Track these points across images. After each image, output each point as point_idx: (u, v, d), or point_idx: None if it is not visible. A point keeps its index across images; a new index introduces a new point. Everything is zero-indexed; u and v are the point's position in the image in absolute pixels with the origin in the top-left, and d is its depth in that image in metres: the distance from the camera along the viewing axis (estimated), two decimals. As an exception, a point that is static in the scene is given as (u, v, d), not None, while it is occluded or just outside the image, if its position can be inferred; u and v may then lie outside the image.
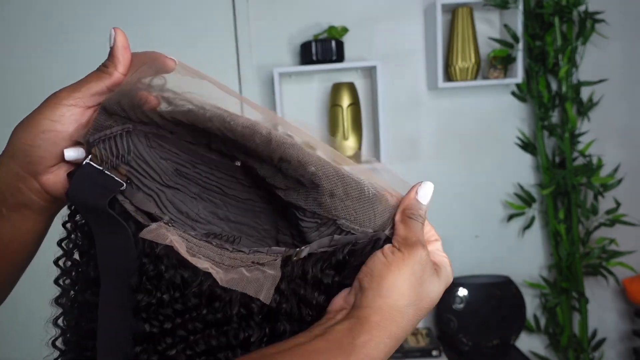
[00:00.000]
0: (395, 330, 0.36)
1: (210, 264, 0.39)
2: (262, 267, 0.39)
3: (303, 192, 0.39)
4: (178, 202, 0.41)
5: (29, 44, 1.76)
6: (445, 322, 1.84)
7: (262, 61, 1.84)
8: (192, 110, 0.39)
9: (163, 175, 0.41)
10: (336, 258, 0.39)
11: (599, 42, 1.86)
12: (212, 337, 0.38)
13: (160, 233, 0.38)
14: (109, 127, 0.39)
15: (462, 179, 1.93)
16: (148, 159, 0.40)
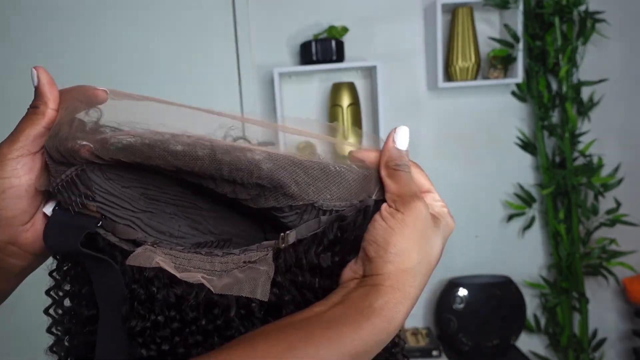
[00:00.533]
0: (409, 290, 0.37)
1: (202, 274, 0.38)
2: (255, 265, 0.39)
3: (269, 194, 0.38)
4: (156, 224, 0.41)
5: (30, 49, 1.76)
6: (445, 322, 1.84)
7: (262, 61, 1.84)
8: (130, 144, 0.37)
9: (133, 202, 0.40)
10: (328, 238, 0.39)
11: (599, 42, 1.86)
12: (215, 345, 0.38)
13: (145, 256, 0.37)
14: (62, 171, 0.38)
15: (462, 179, 1.93)
16: (111, 190, 0.39)
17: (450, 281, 1.87)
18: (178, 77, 1.80)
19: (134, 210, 0.40)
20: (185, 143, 0.37)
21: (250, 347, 0.33)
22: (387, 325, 0.35)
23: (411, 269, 0.37)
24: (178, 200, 0.42)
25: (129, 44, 1.78)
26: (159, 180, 0.41)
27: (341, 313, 0.35)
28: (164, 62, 1.80)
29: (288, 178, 0.37)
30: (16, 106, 1.87)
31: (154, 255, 0.38)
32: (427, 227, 0.39)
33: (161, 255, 0.38)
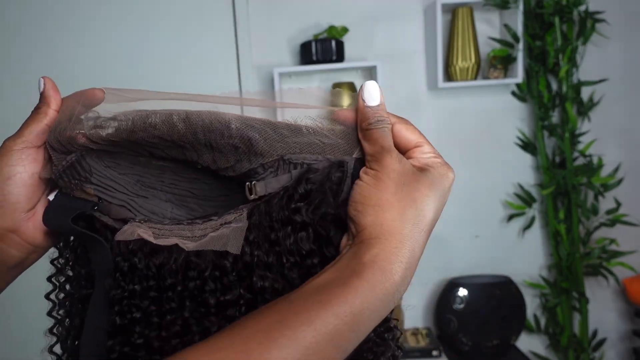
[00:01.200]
0: (400, 238, 0.35)
1: (180, 239, 0.39)
2: (230, 224, 0.40)
3: (244, 157, 0.39)
4: (151, 206, 0.43)
5: (27, 45, 1.76)
6: (445, 322, 1.84)
7: (262, 61, 1.84)
8: (118, 125, 0.40)
9: (129, 187, 0.42)
10: (299, 192, 0.39)
11: (599, 42, 1.86)
12: (189, 310, 0.39)
13: (131, 231, 0.39)
14: (63, 159, 0.41)
15: (462, 179, 1.93)
16: (109, 175, 0.42)
17: (450, 281, 1.87)
18: (178, 77, 1.80)
19: (129, 194, 0.42)
20: (163, 114, 0.39)
21: (240, 327, 0.32)
22: (382, 277, 0.34)
23: (395, 217, 0.35)
24: (174, 188, 0.44)
25: (128, 43, 1.78)
26: (154, 170, 0.43)
27: (332, 277, 0.34)
28: (164, 62, 1.80)
29: (256, 134, 0.38)
30: (14, 105, 1.87)
31: (137, 229, 0.40)
32: (405, 177, 0.37)
33: (144, 228, 0.40)
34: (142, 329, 0.39)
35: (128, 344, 0.39)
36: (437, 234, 2.13)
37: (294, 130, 0.39)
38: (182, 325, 0.38)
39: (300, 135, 0.39)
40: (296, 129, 0.39)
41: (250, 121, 0.39)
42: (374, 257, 0.34)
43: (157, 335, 0.38)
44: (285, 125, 0.39)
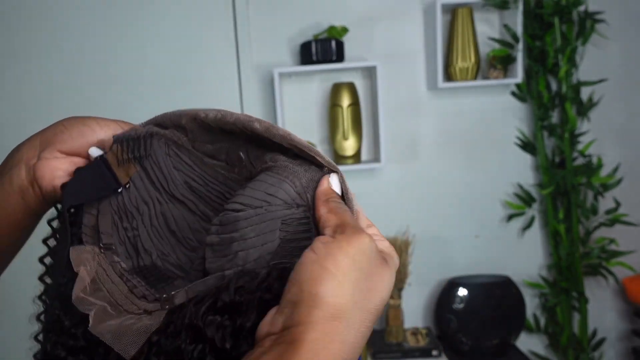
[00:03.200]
0: (339, 346, 0.28)
1: (106, 306, 0.35)
2: (147, 316, 0.35)
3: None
4: (174, 216, 0.40)
5: (27, 46, 1.76)
6: (445, 322, 1.84)
7: (262, 61, 1.84)
8: (221, 114, 0.39)
9: (171, 185, 0.40)
10: (222, 301, 0.33)
11: (598, 42, 1.87)
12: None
13: (81, 258, 0.37)
14: (135, 129, 0.40)
15: (462, 179, 1.93)
16: (162, 165, 0.40)
17: (450, 281, 1.87)
18: (178, 77, 1.80)
19: (167, 192, 0.40)
20: (257, 120, 0.38)
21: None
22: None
23: (344, 314, 0.28)
24: (217, 201, 0.40)
25: (128, 44, 1.78)
26: (208, 175, 0.40)
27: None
28: (164, 62, 1.80)
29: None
30: (12, 104, 1.86)
31: (89, 260, 0.37)
32: (371, 263, 0.31)
33: (93, 265, 0.37)
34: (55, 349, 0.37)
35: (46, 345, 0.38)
36: (437, 234, 2.13)
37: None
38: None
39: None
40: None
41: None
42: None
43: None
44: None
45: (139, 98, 1.80)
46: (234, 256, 0.34)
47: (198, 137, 0.40)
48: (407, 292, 1.92)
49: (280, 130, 0.36)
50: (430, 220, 1.93)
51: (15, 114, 1.77)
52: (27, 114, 1.78)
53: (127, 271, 0.38)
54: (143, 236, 0.39)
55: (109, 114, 1.49)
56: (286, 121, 1.87)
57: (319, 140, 1.90)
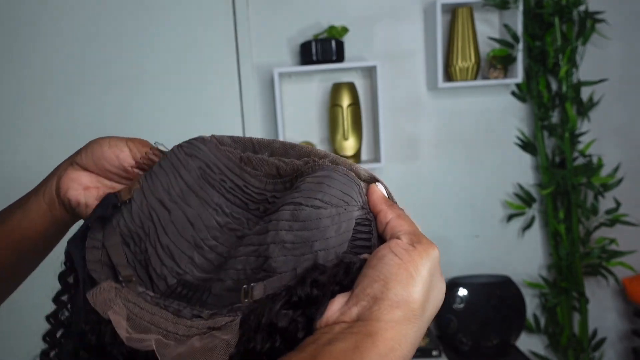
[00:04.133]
0: (408, 349, 0.30)
1: (160, 337, 0.34)
2: (218, 332, 0.34)
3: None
4: (188, 218, 0.38)
5: (25, 47, 1.76)
6: (445, 322, 1.84)
7: (262, 61, 1.84)
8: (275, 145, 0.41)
9: (184, 173, 0.40)
10: (297, 295, 0.33)
11: (599, 42, 1.86)
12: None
13: (104, 300, 0.34)
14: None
15: (462, 179, 1.93)
16: (179, 155, 0.41)
17: (450, 281, 1.87)
18: (178, 77, 1.80)
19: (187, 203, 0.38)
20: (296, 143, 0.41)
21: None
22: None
23: (418, 321, 0.31)
24: (232, 195, 0.39)
25: (128, 44, 1.78)
26: (223, 165, 0.40)
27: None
28: (164, 62, 1.80)
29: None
30: (12, 104, 1.85)
31: (113, 300, 0.35)
32: (436, 273, 0.34)
33: (119, 303, 0.35)
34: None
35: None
36: (437, 234, 2.12)
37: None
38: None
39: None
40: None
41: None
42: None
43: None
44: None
45: (139, 98, 1.80)
46: (314, 255, 0.34)
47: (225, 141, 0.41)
48: (407, 292, 1.92)
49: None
50: (430, 220, 1.93)
51: (14, 114, 1.77)
52: (26, 114, 1.77)
53: (159, 298, 0.36)
54: (153, 260, 0.37)
55: (109, 114, 1.51)
56: (286, 121, 1.87)
57: (319, 140, 1.90)
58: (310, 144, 1.84)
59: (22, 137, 1.78)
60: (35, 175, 2.02)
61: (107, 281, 0.36)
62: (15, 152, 1.78)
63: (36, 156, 1.78)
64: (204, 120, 1.81)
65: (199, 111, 1.81)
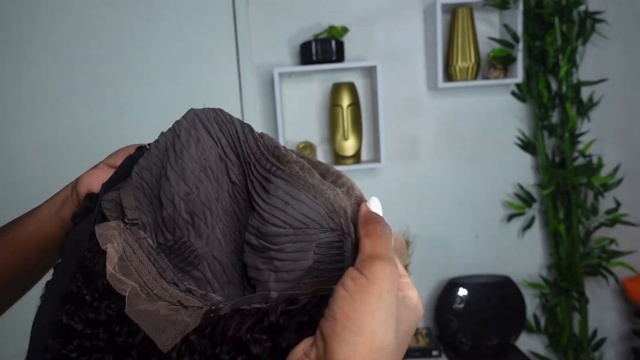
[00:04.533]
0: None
1: (136, 287, 0.36)
2: (183, 310, 0.35)
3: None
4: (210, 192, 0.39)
5: (27, 44, 1.76)
6: (445, 322, 1.84)
7: (262, 61, 1.84)
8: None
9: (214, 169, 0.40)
10: (269, 320, 0.34)
11: (599, 42, 1.86)
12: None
13: (106, 235, 0.37)
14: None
15: (462, 179, 1.93)
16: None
17: (450, 281, 1.87)
18: (178, 77, 1.80)
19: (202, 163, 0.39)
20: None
21: None
22: None
23: (377, 353, 0.29)
24: (232, 183, 0.40)
25: (128, 43, 1.78)
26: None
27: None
28: (164, 62, 1.80)
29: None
30: (12, 103, 1.84)
31: (115, 236, 0.37)
32: (393, 296, 0.30)
33: (120, 241, 0.37)
34: (78, 343, 0.36)
35: (66, 348, 0.36)
36: (437, 234, 2.12)
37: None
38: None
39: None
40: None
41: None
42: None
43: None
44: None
45: (139, 98, 1.80)
46: (269, 261, 0.35)
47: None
48: (407, 292, 1.92)
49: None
50: (430, 220, 1.93)
51: (14, 114, 1.77)
52: (25, 114, 1.77)
53: (154, 249, 0.37)
54: (165, 185, 0.39)
55: (108, 114, 1.51)
56: (286, 121, 1.87)
57: (319, 140, 1.90)
58: (310, 144, 1.84)
59: (22, 137, 1.78)
60: (35, 175, 2.03)
61: (117, 220, 0.38)
62: (15, 152, 1.78)
63: (36, 156, 1.78)
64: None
65: (199, 111, 1.81)
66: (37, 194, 2.01)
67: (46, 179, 1.78)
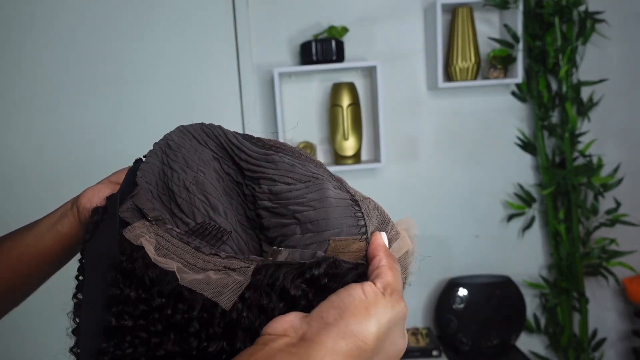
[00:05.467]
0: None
1: (180, 265, 0.39)
2: (232, 272, 0.38)
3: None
4: (209, 181, 0.42)
5: (26, 44, 1.76)
6: (445, 322, 1.84)
7: (262, 61, 1.84)
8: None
9: (208, 142, 0.44)
10: (311, 273, 0.37)
11: (599, 42, 1.86)
12: (172, 341, 0.38)
13: (136, 234, 0.39)
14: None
15: (462, 179, 1.93)
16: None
17: (450, 281, 1.87)
18: (178, 77, 1.80)
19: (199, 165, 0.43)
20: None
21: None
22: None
23: (362, 355, 0.31)
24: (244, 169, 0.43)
25: (128, 44, 1.78)
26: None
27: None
28: (164, 63, 1.80)
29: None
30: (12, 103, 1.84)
31: (144, 233, 0.40)
32: (397, 328, 0.34)
33: (151, 235, 0.40)
34: (132, 338, 0.38)
35: (120, 349, 0.38)
36: (437, 234, 2.12)
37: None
38: (165, 353, 0.37)
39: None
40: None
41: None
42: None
43: (145, 352, 0.38)
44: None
45: (139, 98, 1.79)
46: (290, 215, 0.38)
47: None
48: (407, 292, 1.91)
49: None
50: (430, 220, 1.93)
51: (14, 114, 1.77)
52: (23, 114, 1.77)
53: (184, 234, 0.40)
54: (174, 176, 0.43)
55: (107, 114, 1.51)
56: (286, 121, 1.87)
57: (319, 140, 1.90)
58: (310, 144, 1.84)
59: (20, 137, 1.78)
60: (33, 175, 2.02)
61: (141, 221, 0.41)
62: (13, 152, 1.78)
63: (34, 156, 1.78)
64: (204, 120, 1.81)
65: (199, 111, 1.81)
66: (35, 194, 2.01)
67: (44, 179, 1.78)
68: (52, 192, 1.76)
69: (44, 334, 1.78)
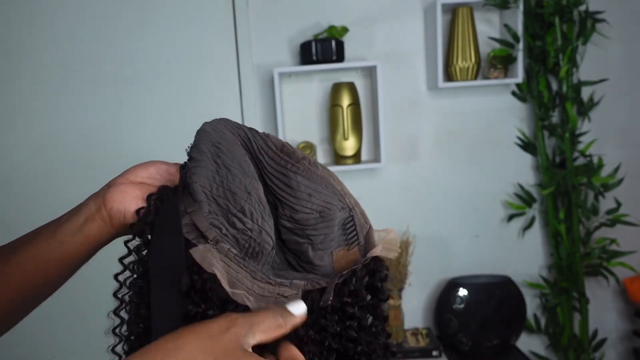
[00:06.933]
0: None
1: (245, 291, 0.42)
2: (286, 299, 0.43)
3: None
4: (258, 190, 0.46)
5: (26, 44, 1.76)
6: (445, 322, 1.84)
7: (262, 61, 1.84)
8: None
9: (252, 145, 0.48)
10: (348, 288, 0.45)
11: (599, 42, 1.86)
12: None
13: (205, 257, 0.41)
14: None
15: (462, 179, 1.93)
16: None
17: (450, 281, 1.86)
18: (178, 78, 1.80)
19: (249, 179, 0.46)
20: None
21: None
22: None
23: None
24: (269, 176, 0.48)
25: (128, 44, 1.78)
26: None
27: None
28: (164, 63, 1.79)
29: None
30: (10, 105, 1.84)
31: (212, 259, 0.41)
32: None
33: (217, 259, 0.42)
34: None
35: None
36: (437, 234, 2.12)
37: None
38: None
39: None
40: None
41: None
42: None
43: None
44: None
45: (139, 98, 1.79)
46: (305, 236, 0.45)
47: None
48: (407, 293, 1.92)
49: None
50: (430, 220, 1.93)
51: (14, 114, 1.77)
52: (24, 115, 1.77)
53: (239, 257, 0.43)
54: (232, 178, 0.45)
55: (108, 115, 1.51)
56: (286, 121, 1.87)
57: (319, 140, 1.90)
58: (310, 144, 1.84)
59: (21, 137, 1.78)
60: (33, 175, 2.02)
61: (205, 244, 0.42)
62: (13, 153, 1.78)
63: (35, 156, 1.78)
64: (204, 120, 1.80)
65: (199, 111, 1.80)
66: (35, 194, 2.01)
67: (44, 179, 1.78)
68: (52, 192, 1.76)
69: (44, 333, 1.78)
